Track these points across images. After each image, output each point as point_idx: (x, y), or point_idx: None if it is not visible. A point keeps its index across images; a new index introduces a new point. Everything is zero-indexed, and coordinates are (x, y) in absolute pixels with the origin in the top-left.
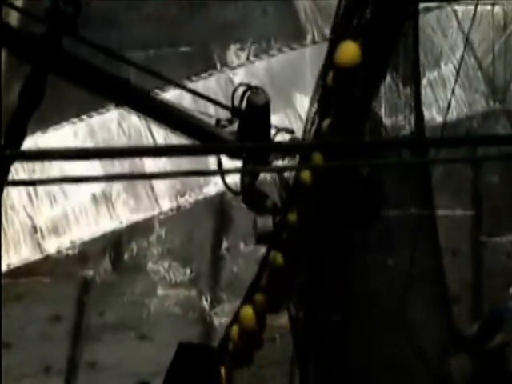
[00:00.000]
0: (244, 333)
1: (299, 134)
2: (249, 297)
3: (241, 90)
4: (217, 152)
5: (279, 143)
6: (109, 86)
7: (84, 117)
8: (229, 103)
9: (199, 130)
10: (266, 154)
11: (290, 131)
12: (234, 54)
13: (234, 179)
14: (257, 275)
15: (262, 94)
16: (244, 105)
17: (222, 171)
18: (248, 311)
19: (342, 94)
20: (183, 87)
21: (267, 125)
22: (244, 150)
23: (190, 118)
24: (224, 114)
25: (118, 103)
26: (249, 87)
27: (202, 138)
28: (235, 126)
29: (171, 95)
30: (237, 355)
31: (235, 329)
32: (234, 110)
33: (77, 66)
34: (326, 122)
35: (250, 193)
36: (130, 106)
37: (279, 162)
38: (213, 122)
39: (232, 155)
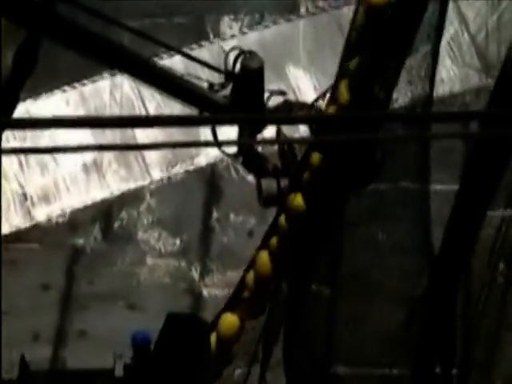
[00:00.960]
0: (260, 278)
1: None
2: (265, 242)
3: (234, 53)
4: (210, 122)
5: (273, 114)
6: (103, 50)
7: (76, 85)
8: (221, 73)
9: (192, 93)
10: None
11: (283, 93)
12: (227, 25)
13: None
14: (274, 220)
15: (255, 58)
16: (237, 69)
17: (217, 143)
18: (264, 256)
19: (372, 32)
20: (178, 51)
21: (261, 88)
22: (238, 120)
23: (183, 82)
24: (217, 80)
25: (112, 67)
26: (242, 51)
27: (195, 102)
28: (228, 90)
29: (163, 64)
30: (251, 303)
31: (251, 274)
32: (228, 74)
33: (71, 31)
34: (355, 61)
35: (248, 155)
36: (124, 70)
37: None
38: (206, 86)
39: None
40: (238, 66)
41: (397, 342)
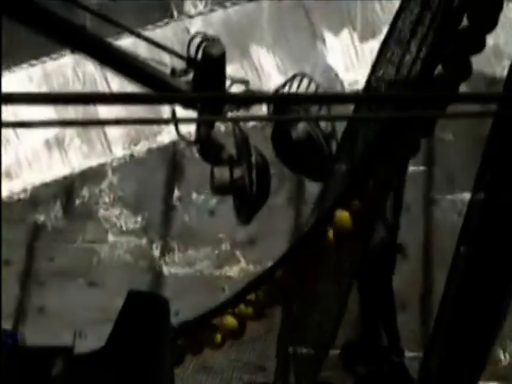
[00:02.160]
0: (339, 234)
1: (255, 85)
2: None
3: (197, 39)
4: (171, 101)
5: (233, 94)
6: (64, 31)
7: (39, 61)
8: (185, 52)
9: (154, 78)
10: (221, 105)
11: (245, 82)
12: (191, 4)
13: (188, 128)
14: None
15: (217, 44)
16: (200, 55)
17: (175, 120)
18: (344, 214)
19: None
20: (138, 35)
21: (222, 75)
22: (198, 100)
23: (144, 67)
24: (180, 64)
25: (73, 49)
26: (205, 37)
27: (156, 87)
28: (190, 76)
29: (126, 43)
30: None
31: (331, 232)
32: (190, 60)
33: (32, 11)
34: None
35: (205, 143)
36: (84, 52)
37: (234, 113)
38: (168, 71)
39: (186, 105)
40: (200, 52)
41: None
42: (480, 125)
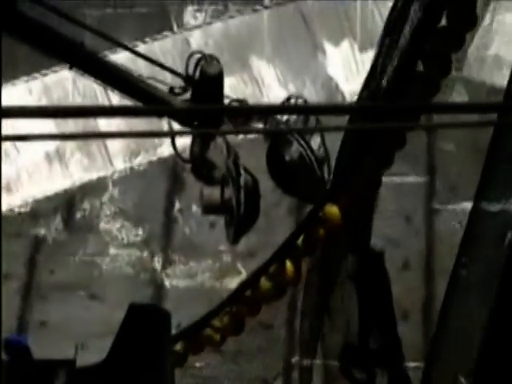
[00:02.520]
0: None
1: (255, 97)
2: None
3: (195, 57)
4: (169, 114)
5: (228, 106)
6: (62, 48)
7: (38, 74)
8: (184, 65)
9: (152, 96)
10: (217, 123)
11: (243, 101)
12: (190, 15)
13: (186, 144)
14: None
15: (215, 63)
16: (198, 73)
17: (172, 132)
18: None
19: None
20: (133, 51)
21: (220, 94)
22: (194, 113)
23: (143, 85)
24: (178, 80)
25: (71, 66)
26: (203, 56)
27: (154, 105)
28: (189, 95)
29: (124, 56)
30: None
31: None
32: (188, 78)
33: (31, 27)
34: None
35: (199, 162)
36: (82, 69)
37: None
38: (167, 87)
39: (183, 122)
40: (198, 70)
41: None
42: (481, 135)
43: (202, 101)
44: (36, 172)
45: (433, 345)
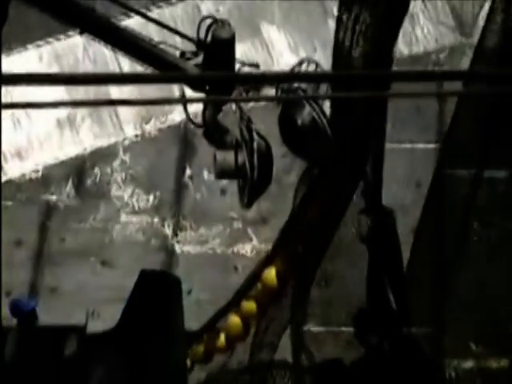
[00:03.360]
0: None
1: (266, 63)
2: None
3: (207, 22)
4: (180, 81)
5: (240, 74)
6: (73, 13)
7: (49, 40)
8: (195, 31)
9: (163, 60)
10: (229, 87)
11: (255, 65)
12: None
13: (197, 109)
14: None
15: (227, 27)
16: (209, 38)
17: (184, 100)
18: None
19: None
20: (145, 16)
21: (232, 59)
22: (206, 79)
23: (153, 49)
24: (189, 45)
25: (82, 31)
26: (215, 20)
27: (165, 69)
28: (200, 59)
29: (136, 21)
30: None
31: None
32: (199, 43)
33: None
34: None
35: (211, 126)
36: (93, 34)
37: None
38: (178, 52)
39: (195, 87)
40: (209, 35)
41: (364, 300)
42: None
43: (213, 65)
44: (47, 138)
45: (442, 311)
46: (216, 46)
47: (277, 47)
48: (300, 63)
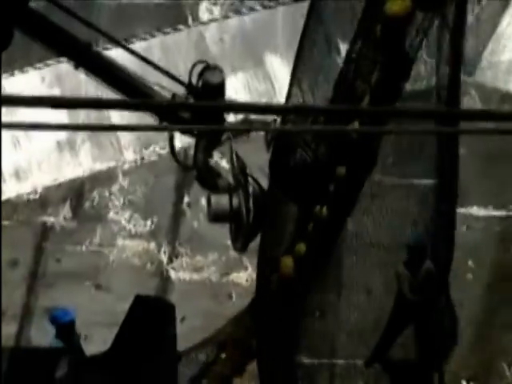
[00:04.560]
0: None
1: (268, 94)
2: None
3: (199, 67)
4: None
5: (229, 102)
6: (70, 48)
7: (52, 62)
8: (199, 57)
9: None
10: (219, 133)
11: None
12: (206, 9)
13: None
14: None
15: (218, 72)
16: (200, 83)
17: (168, 127)
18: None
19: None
20: (127, 48)
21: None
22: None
23: (146, 90)
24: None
25: (77, 66)
26: (207, 65)
27: (157, 111)
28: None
29: (139, 46)
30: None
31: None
32: (190, 87)
33: (41, 25)
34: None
35: (203, 170)
36: (88, 70)
37: (232, 143)
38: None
39: (185, 131)
40: (200, 80)
41: (359, 334)
42: (492, 141)
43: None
44: (46, 160)
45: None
46: (206, 91)
47: (279, 77)
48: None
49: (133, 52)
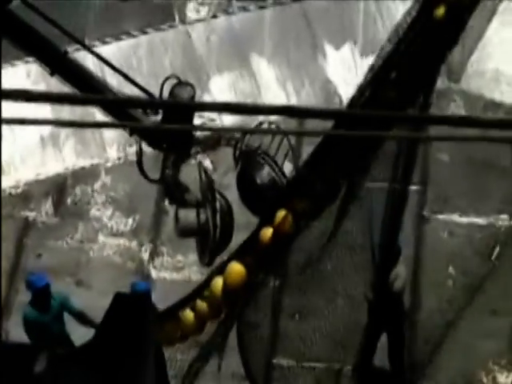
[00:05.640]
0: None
1: (253, 95)
2: None
3: (171, 81)
4: (141, 134)
5: (199, 126)
6: (46, 54)
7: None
8: (186, 57)
9: (125, 112)
10: (187, 146)
11: (212, 120)
12: (193, 9)
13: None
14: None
15: (188, 88)
16: (170, 97)
17: (140, 149)
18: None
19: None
20: (93, 52)
21: (190, 119)
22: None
23: (119, 100)
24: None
25: (53, 72)
26: (178, 81)
27: (127, 121)
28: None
29: (126, 44)
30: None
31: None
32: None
33: (19, 29)
34: None
35: (171, 185)
36: (64, 78)
37: (200, 156)
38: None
39: (152, 143)
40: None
41: (339, 337)
42: (475, 148)
43: (172, 124)
44: (29, 155)
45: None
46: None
47: (265, 79)
48: (260, 124)
49: (100, 58)
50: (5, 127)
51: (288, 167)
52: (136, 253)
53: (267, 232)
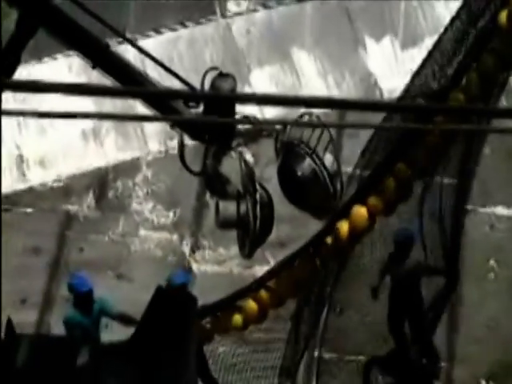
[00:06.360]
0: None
1: (294, 88)
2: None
3: (212, 73)
4: (182, 127)
5: (240, 119)
6: (88, 47)
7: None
8: (227, 50)
9: (167, 105)
10: (228, 139)
11: (254, 118)
12: (234, 3)
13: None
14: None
15: (230, 80)
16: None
17: (181, 141)
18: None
19: None
20: (134, 45)
21: (232, 111)
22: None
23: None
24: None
25: (94, 66)
26: (220, 72)
27: (169, 113)
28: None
29: (167, 37)
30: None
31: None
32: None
33: (62, 24)
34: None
35: (212, 177)
36: (105, 71)
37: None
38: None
39: (194, 135)
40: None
41: (380, 330)
42: None
43: (213, 116)
44: (71, 149)
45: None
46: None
47: (305, 72)
48: (301, 116)
49: (142, 51)
50: (45, 121)
51: (329, 159)
52: (177, 246)
53: (344, 226)
